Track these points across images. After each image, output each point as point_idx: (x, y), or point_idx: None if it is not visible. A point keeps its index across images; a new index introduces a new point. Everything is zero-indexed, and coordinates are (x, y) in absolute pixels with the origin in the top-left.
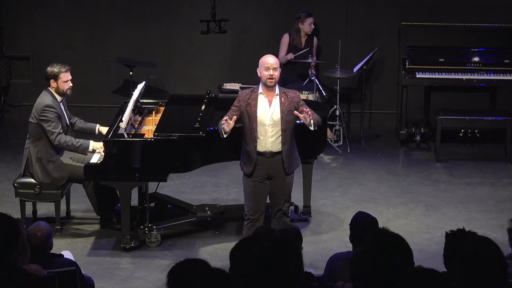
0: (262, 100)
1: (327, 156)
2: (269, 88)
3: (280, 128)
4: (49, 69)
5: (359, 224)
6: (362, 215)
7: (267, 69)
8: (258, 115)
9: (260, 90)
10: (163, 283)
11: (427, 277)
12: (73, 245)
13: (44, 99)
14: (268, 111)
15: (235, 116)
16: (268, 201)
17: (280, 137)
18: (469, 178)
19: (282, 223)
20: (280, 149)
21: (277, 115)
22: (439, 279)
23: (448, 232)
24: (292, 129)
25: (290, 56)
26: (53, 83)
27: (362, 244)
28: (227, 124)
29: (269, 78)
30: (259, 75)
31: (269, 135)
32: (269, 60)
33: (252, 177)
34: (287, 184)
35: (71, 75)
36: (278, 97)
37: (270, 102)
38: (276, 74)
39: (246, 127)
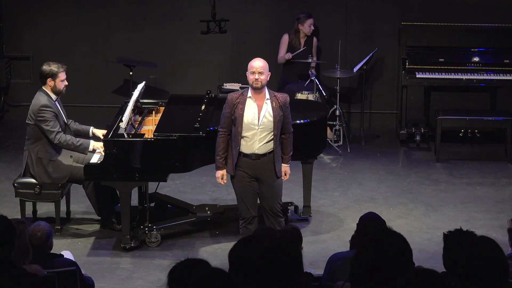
0: (250, 104)
1: (327, 156)
2: (257, 91)
3: (272, 132)
4: (46, 67)
5: (365, 224)
6: (371, 215)
7: (253, 73)
8: (244, 119)
9: (249, 94)
10: (163, 283)
11: (427, 277)
12: (73, 245)
13: (39, 99)
14: (258, 114)
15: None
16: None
17: (272, 141)
18: (469, 178)
19: (275, 223)
20: (266, 152)
21: (269, 119)
22: (439, 279)
23: (446, 232)
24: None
25: (288, 55)
26: (50, 82)
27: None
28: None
29: (254, 82)
30: (247, 78)
31: (257, 138)
32: (254, 64)
33: (237, 178)
34: (277, 187)
35: (67, 74)
36: (269, 102)
37: (259, 106)
38: (262, 78)
39: (233, 129)
